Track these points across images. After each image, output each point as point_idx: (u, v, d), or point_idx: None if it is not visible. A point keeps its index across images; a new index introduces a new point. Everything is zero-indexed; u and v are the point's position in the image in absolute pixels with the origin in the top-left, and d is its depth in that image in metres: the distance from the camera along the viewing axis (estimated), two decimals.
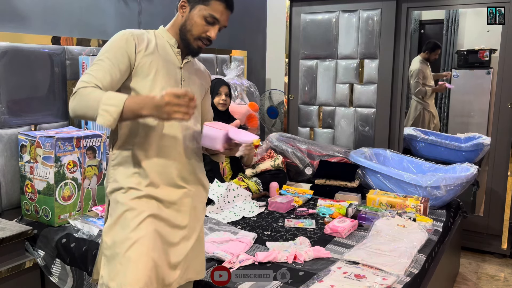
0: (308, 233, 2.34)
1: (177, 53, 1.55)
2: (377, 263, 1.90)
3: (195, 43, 1.52)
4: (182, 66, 1.56)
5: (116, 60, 1.43)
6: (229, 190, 2.76)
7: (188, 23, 1.51)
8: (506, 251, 3.31)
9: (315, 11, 3.85)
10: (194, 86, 1.61)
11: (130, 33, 1.47)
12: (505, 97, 3.25)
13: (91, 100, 1.34)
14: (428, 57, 4.28)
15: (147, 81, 1.47)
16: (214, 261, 1.97)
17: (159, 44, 1.52)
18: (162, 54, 1.51)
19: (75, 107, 1.37)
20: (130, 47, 1.44)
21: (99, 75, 1.40)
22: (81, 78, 1.42)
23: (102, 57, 1.44)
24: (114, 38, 1.47)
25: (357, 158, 3.15)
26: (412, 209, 2.59)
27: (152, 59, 1.47)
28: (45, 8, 2.51)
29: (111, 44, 1.46)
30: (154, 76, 1.48)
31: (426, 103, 4.31)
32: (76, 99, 1.37)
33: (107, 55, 1.44)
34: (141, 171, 1.48)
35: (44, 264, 2.20)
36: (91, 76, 1.40)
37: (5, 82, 2.30)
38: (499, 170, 3.32)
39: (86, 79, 1.40)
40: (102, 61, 1.43)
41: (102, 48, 1.48)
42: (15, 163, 2.38)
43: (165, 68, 1.51)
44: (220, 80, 3.12)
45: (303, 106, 4.02)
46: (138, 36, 1.47)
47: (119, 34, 1.48)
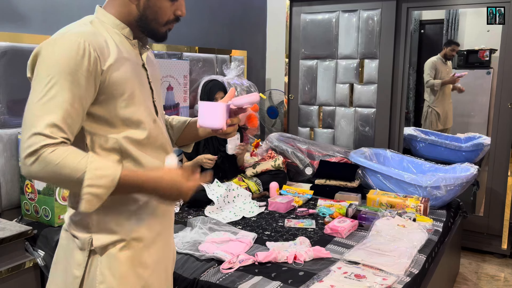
0: (308, 233, 2.34)
1: (134, 46, 1.19)
2: (377, 263, 1.90)
3: (163, 29, 1.20)
4: (144, 62, 1.21)
5: (79, 85, 1.02)
6: (229, 190, 2.76)
7: (149, 13, 1.15)
8: (506, 251, 3.31)
9: (315, 11, 3.85)
10: (157, 82, 1.28)
11: (82, 39, 1.03)
12: (505, 97, 3.25)
13: (65, 171, 0.97)
14: (444, 54, 4.29)
15: (121, 102, 1.10)
16: (214, 261, 1.97)
17: (115, 40, 1.13)
18: (125, 55, 1.13)
19: (38, 174, 0.98)
20: (92, 63, 1.03)
21: (62, 117, 0.99)
22: (34, 124, 0.97)
23: (56, 83, 1.00)
24: (63, 49, 1.01)
25: (357, 158, 3.15)
26: (412, 209, 2.59)
27: (121, 68, 1.10)
28: (45, 8, 2.51)
29: (63, 61, 1.01)
30: (130, 93, 1.12)
31: (432, 102, 4.32)
32: (40, 164, 0.97)
33: (62, 81, 1.00)
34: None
35: (44, 264, 2.19)
36: (50, 121, 0.98)
37: (5, 82, 2.30)
38: (499, 170, 3.32)
39: (46, 129, 0.97)
40: (58, 92, 0.99)
41: (44, 65, 1.02)
42: (15, 163, 2.38)
43: (135, 75, 1.15)
44: (215, 84, 3.05)
45: (303, 106, 4.02)
46: (94, 41, 1.05)
47: (68, 42, 1.02)
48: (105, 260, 1.12)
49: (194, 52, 3.48)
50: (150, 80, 1.22)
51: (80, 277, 1.13)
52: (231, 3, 3.90)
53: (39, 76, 1.01)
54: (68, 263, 1.16)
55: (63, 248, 1.20)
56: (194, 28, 3.55)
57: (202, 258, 1.98)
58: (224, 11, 3.83)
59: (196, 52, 3.50)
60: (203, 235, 2.21)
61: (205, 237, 2.18)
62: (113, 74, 1.08)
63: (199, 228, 2.29)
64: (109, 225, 1.13)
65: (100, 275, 1.12)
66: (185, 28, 3.45)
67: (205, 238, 2.17)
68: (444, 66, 4.31)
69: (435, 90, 4.31)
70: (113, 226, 1.13)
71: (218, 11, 3.76)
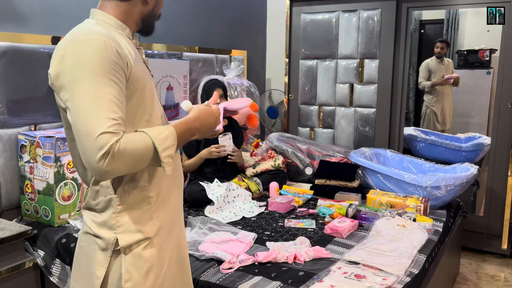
0: (308, 233, 2.34)
1: (135, 44, 1.24)
2: (377, 263, 1.90)
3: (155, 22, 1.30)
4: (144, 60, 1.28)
5: (117, 80, 1.06)
6: (229, 190, 2.76)
7: (156, 9, 1.25)
8: (506, 251, 3.31)
9: (315, 11, 3.85)
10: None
11: (105, 37, 1.07)
12: (505, 97, 3.25)
13: (138, 153, 1.03)
14: (435, 52, 4.30)
15: (144, 95, 1.16)
16: (214, 261, 1.97)
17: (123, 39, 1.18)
18: (134, 54, 1.17)
19: (114, 169, 1.02)
20: (119, 59, 1.07)
21: (117, 114, 1.03)
22: (97, 126, 0.99)
23: (98, 83, 1.02)
24: (92, 50, 1.04)
25: (357, 158, 3.15)
26: (412, 209, 2.59)
27: (138, 64, 1.16)
28: (45, 8, 2.51)
29: (97, 60, 1.03)
30: (150, 87, 1.20)
31: (429, 102, 4.33)
32: (115, 159, 1.00)
33: (103, 79, 1.03)
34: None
35: (44, 264, 2.19)
36: (111, 119, 1.01)
37: (5, 82, 2.30)
38: (499, 170, 3.32)
39: (110, 127, 1.00)
40: (104, 91, 1.02)
41: (77, 69, 1.03)
42: (15, 163, 2.38)
43: (146, 72, 1.21)
44: (213, 82, 3.08)
45: (303, 106, 4.02)
46: (115, 41, 1.09)
47: (94, 42, 1.05)
48: (130, 258, 1.16)
49: (194, 52, 3.48)
50: (151, 73, 1.29)
51: (101, 277, 1.16)
52: (231, 3, 3.90)
53: (79, 79, 1.02)
54: (89, 264, 1.19)
55: (83, 250, 1.23)
56: (194, 28, 3.55)
57: (202, 258, 1.98)
58: (224, 11, 3.83)
59: (196, 52, 3.50)
60: (203, 235, 2.21)
61: (205, 237, 2.18)
62: (134, 70, 1.12)
63: (199, 228, 2.29)
64: (134, 225, 1.17)
65: (126, 273, 1.15)
66: (185, 28, 3.45)
67: (205, 238, 2.17)
68: (440, 66, 4.30)
69: (431, 91, 4.33)
70: (137, 226, 1.17)
71: (218, 11, 3.76)
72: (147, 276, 1.18)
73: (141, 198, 1.18)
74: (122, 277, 1.15)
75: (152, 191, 1.20)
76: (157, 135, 1.06)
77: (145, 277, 1.17)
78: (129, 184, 1.16)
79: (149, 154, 1.05)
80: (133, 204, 1.17)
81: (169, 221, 1.26)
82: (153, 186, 1.20)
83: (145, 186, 1.18)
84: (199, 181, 2.85)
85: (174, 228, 1.29)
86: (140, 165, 1.06)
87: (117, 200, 1.16)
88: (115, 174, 1.04)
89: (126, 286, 1.15)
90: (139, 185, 1.17)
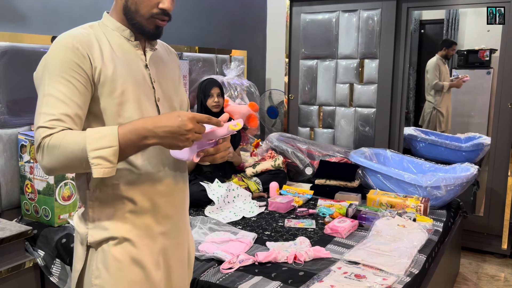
0: (308, 233, 2.34)
1: (137, 47, 1.21)
2: (377, 263, 1.90)
3: (149, 24, 1.17)
4: (147, 63, 1.22)
5: (73, 79, 1.06)
6: (229, 190, 2.76)
7: (130, 3, 1.15)
8: (506, 251, 3.31)
9: (315, 11, 3.85)
10: (167, 82, 1.27)
11: (73, 39, 1.09)
12: (505, 97, 3.25)
13: (69, 150, 1.00)
14: (445, 54, 4.30)
15: (113, 99, 1.12)
16: (214, 261, 1.97)
17: (111, 41, 1.17)
18: (120, 55, 1.16)
19: (49, 164, 1.02)
20: (82, 60, 1.08)
21: (61, 110, 1.03)
22: (37, 121, 1.03)
23: (51, 82, 1.05)
24: (55, 51, 1.08)
25: (357, 158, 3.15)
26: (412, 209, 2.59)
27: (112, 66, 1.12)
28: (45, 8, 2.51)
29: (55, 61, 1.07)
30: (122, 91, 1.13)
31: (437, 103, 4.32)
32: (46, 154, 1.01)
33: (57, 78, 1.05)
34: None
35: (44, 264, 2.19)
36: (50, 115, 1.02)
37: (5, 82, 2.30)
38: (499, 170, 3.32)
39: (46, 122, 1.02)
40: (54, 88, 1.04)
41: (42, 70, 1.10)
42: (15, 163, 2.38)
43: (130, 74, 1.16)
44: (210, 81, 3.07)
45: (303, 106, 4.02)
46: (85, 41, 1.10)
47: (60, 44, 1.08)
48: (100, 255, 1.17)
49: (194, 52, 3.48)
50: (153, 80, 1.22)
51: (79, 270, 1.19)
52: (231, 3, 3.90)
53: (42, 79, 1.09)
54: (74, 257, 1.22)
55: (74, 243, 1.25)
56: (194, 28, 3.55)
57: (202, 258, 1.98)
58: (224, 11, 3.83)
59: (196, 52, 3.50)
60: (203, 235, 2.21)
61: (205, 237, 2.18)
62: (104, 72, 1.11)
63: (199, 228, 2.29)
64: (103, 222, 1.16)
65: (96, 270, 1.17)
66: (185, 28, 3.45)
67: (205, 238, 2.17)
68: (444, 66, 4.32)
69: (440, 91, 4.32)
70: (107, 223, 1.16)
71: (218, 11, 3.76)
72: (116, 277, 1.15)
73: (114, 196, 1.15)
74: (92, 273, 1.16)
75: (127, 192, 1.15)
76: (93, 134, 1.00)
77: (114, 277, 1.15)
78: (99, 180, 1.14)
79: (79, 153, 0.99)
80: (106, 201, 1.16)
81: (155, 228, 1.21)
82: (127, 187, 1.15)
83: (116, 185, 1.15)
84: (199, 181, 2.85)
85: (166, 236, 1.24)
86: (74, 163, 1.01)
87: (90, 196, 1.17)
88: (53, 170, 1.03)
89: (95, 282, 1.16)
90: (109, 182, 1.14)
